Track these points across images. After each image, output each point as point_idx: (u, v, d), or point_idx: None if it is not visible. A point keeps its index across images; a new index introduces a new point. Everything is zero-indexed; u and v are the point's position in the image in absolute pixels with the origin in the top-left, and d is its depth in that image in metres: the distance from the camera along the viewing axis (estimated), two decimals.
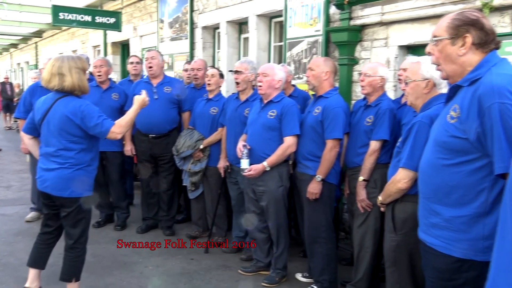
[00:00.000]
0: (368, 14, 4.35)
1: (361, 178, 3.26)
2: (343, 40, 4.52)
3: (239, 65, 4.00)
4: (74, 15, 8.38)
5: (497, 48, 1.83)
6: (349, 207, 3.64)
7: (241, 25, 6.65)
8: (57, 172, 2.98)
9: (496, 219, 1.67)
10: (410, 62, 2.73)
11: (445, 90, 2.43)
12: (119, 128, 3.06)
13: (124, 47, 10.57)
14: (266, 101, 3.62)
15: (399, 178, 2.46)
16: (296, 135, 3.51)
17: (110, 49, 10.44)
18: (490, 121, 1.64)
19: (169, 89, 4.64)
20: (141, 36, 9.17)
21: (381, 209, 2.79)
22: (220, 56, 6.99)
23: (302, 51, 5.09)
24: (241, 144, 3.65)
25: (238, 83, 3.98)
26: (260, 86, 3.59)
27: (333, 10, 4.71)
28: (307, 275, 3.75)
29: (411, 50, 4.20)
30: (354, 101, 4.24)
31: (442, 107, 2.01)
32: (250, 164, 3.55)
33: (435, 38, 1.88)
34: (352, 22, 4.48)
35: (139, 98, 3.23)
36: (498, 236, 1.39)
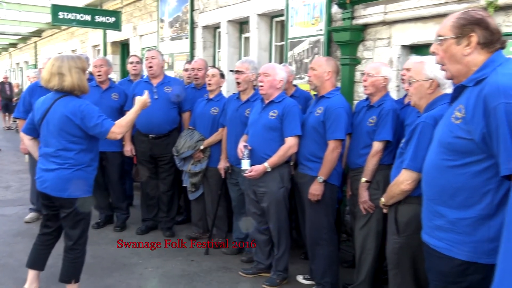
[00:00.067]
0: (370, 13, 4.32)
1: (363, 180, 3.25)
2: (345, 39, 4.49)
3: (240, 65, 3.97)
4: (74, 15, 8.38)
5: (502, 47, 1.81)
6: (351, 209, 3.62)
7: (242, 24, 6.62)
8: (56, 172, 2.97)
9: (501, 221, 1.66)
10: (414, 62, 2.71)
11: (449, 90, 2.41)
12: (120, 128, 3.04)
13: (124, 47, 10.54)
14: (267, 101, 3.60)
15: (402, 180, 2.44)
16: (297, 136, 3.48)
17: (109, 48, 10.41)
18: (495, 121, 1.62)
19: (169, 89, 4.62)
20: (141, 35, 9.14)
21: (383, 210, 2.77)
22: (220, 55, 6.96)
23: (303, 51, 5.06)
24: (242, 144, 3.62)
25: (239, 83, 3.96)
26: (261, 86, 3.56)
27: (335, 9, 4.69)
28: (308, 277, 3.73)
29: (414, 50, 4.17)
30: (356, 101, 4.23)
31: (447, 108, 1.99)
32: (251, 165, 3.53)
33: (440, 38, 1.86)
34: (354, 22, 4.45)
35: (141, 99, 3.22)
36: (504, 238, 1.37)
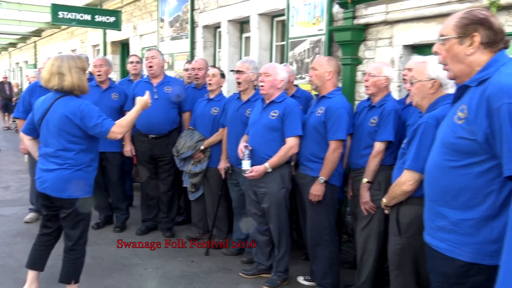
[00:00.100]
0: (372, 13, 4.30)
1: (365, 180, 3.23)
2: (347, 39, 4.47)
3: (241, 64, 3.96)
4: (74, 14, 8.37)
5: (506, 47, 1.79)
6: (352, 210, 3.60)
7: (242, 24, 6.60)
8: (56, 173, 2.95)
9: (504, 222, 1.65)
10: (416, 61, 2.70)
11: (451, 90, 2.40)
12: (120, 128, 3.03)
13: (123, 46, 10.52)
14: (268, 101, 3.58)
15: (404, 180, 2.44)
16: (298, 136, 3.47)
17: (109, 48, 10.40)
18: (499, 122, 1.61)
19: (169, 89, 4.60)
20: (141, 35, 9.13)
21: (385, 211, 2.75)
22: (221, 55, 6.94)
23: (304, 51, 5.05)
24: (242, 145, 3.61)
25: (240, 83, 3.94)
26: (262, 86, 3.55)
27: (336, 8, 4.67)
28: (309, 279, 3.71)
29: (416, 49, 4.15)
30: (357, 101, 4.21)
31: (449, 108, 1.98)
32: (252, 165, 3.51)
33: (442, 37, 1.85)
34: (355, 21, 4.43)
35: (142, 99, 3.22)
36: (507, 239, 1.36)
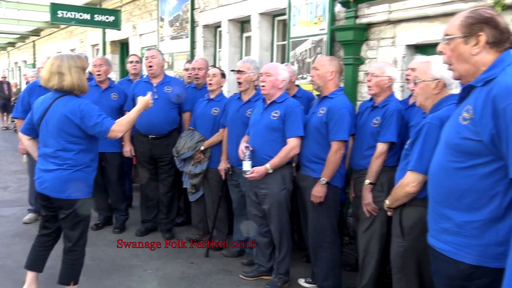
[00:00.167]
0: (374, 12, 4.27)
1: (367, 181, 3.21)
2: (349, 39, 4.44)
3: (241, 64, 3.93)
4: (73, 13, 8.35)
5: (511, 47, 1.76)
6: (354, 211, 3.57)
7: (243, 23, 6.58)
8: (55, 173, 2.94)
9: (510, 225, 1.64)
10: (420, 61, 2.66)
11: (456, 90, 2.37)
12: (120, 126, 3.03)
13: (123, 46, 10.49)
14: (269, 101, 3.55)
15: (407, 182, 2.41)
16: (299, 137, 3.44)
17: (109, 48, 10.39)
18: (505, 122, 1.58)
19: (169, 89, 4.57)
20: (140, 34, 9.10)
21: (388, 213, 2.73)
22: (221, 55, 6.92)
23: (306, 51, 5.02)
24: (243, 145, 3.58)
25: (240, 83, 3.92)
26: (263, 86, 3.52)
27: (338, 8, 4.65)
28: (310, 281, 3.68)
29: (419, 49, 4.13)
30: (360, 102, 4.18)
31: (453, 108, 1.95)
32: (252, 166, 3.48)
33: (447, 37, 1.82)
34: (358, 21, 4.40)
35: (144, 99, 3.21)
36: None
